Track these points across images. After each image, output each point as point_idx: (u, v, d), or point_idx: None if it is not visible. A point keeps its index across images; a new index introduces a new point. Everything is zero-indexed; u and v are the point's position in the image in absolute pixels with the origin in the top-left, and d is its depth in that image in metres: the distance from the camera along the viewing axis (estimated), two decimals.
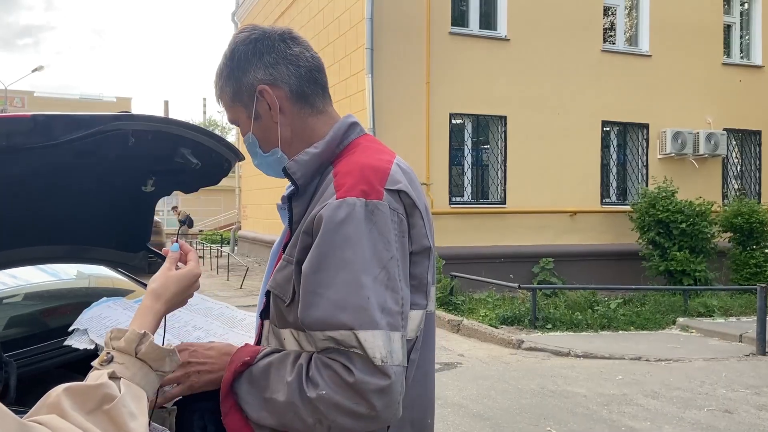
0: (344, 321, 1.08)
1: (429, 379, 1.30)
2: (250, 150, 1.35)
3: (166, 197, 2.56)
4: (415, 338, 1.22)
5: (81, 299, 2.13)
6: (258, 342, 1.33)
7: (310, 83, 1.31)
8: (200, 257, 15.81)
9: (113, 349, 1.06)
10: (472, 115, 11.06)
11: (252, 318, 1.68)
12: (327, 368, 1.10)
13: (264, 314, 1.31)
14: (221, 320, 1.70)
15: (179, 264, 1.29)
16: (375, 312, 1.09)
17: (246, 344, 1.28)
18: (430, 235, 1.25)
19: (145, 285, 2.65)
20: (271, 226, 16.10)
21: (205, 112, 45.04)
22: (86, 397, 0.92)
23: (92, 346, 1.52)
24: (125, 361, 1.04)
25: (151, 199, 2.24)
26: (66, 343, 1.56)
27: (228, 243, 19.60)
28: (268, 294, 1.29)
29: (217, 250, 15.71)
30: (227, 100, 1.32)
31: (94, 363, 1.04)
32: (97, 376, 0.99)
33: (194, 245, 17.96)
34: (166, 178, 2.12)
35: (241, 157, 2.18)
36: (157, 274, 1.25)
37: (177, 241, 1.34)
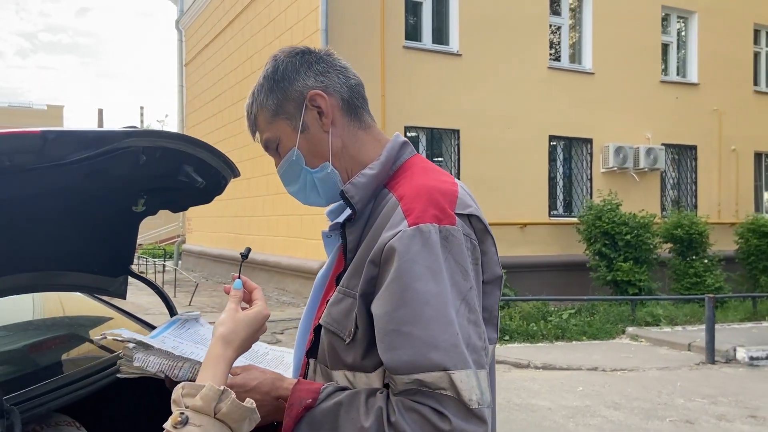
0: (437, 361, 0.97)
1: (493, 419, 1.21)
2: (290, 170, 1.23)
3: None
4: None
5: (66, 330, 1.95)
6: None
7: (359, 97, 1.24)
8: (142, 272, 15.21)
9: (187, 408, 0.92)
10: (426, 128, 11.11)
11: (276, 353, 1.56)
12: (413, 413, 0.97)
13: (310, 353, 1.19)
14: (242, 356, 1.56)
15: (244, 303, 1.17)
16: (464, 349, 0.99)
17: (300, 381, 1.13)
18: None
19: (123, 311, 2.47)
20: (219, 240, 15.70)
21: (142, 121, 43.60)
22: None
23: (132, 344, 1.32)
24: (203, 423, 0.90)
25: (137, 219, 2.08)
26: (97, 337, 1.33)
27: (171, 257, 18.98)
28: (316, 330, 1.17)
29: (162, 265, 15.16)
30: (267, 117, 1.22)
31: (167, 425, 0.90)
32: None
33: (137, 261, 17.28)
34: (156, 197, 1.97)
35: (237, 173, 2.05)
36: (223, 317, 1.11)
37: (239, 277, 1.21)
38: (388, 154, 1.20)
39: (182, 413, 0.91)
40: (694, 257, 11.34)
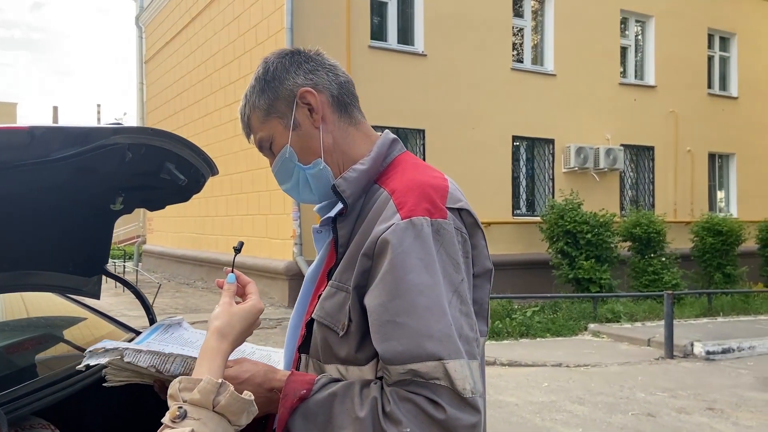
0: (432, 351, 0.99)
1: (485, 413, 1.23)
2: (283, 168, 1.24)
3: None
4: None
5: (42, 331, 1.90)
6: None
7: (348, 94, 1.27)
8: None
9: (185, 402, 0.91)
10: (392, 128, 11.13)
11: (263, 351, 1.55)
12: (408, 402, 0.99)
13: (302, 348, 1.20)
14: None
15: (237, 297, 1.17)
16: (457, 339, 1.01)
17: (293, 372, 1.14)
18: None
19: (94, 310, 2.42)
20: (181, 240, 15.45)
21: (99, 120, 42.51)
22: None
23: (118, 355, 1.29)
24: (202, 417, 0.90)
25: (114, 217, 2.04)
26: (83, 363, 1.32)
27: (131, 258, 18.59)
28: (308, 325, 1.18)
29: (122, 266, 14.84)
30: (260, 117, 1.23)
31: (165, 420, 0.89)
32: None
33: None
34: (134, 195, 1.94)
35: (215, 171, 2.03)
36: (218, 310, 1.11)
37: (233, 271, 1.20)
38: (378, 150, 1.23)
39: (180, 407, 0.90)
40: (652, 255, 11.65)
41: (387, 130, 1.31)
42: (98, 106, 49.13)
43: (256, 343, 1.69)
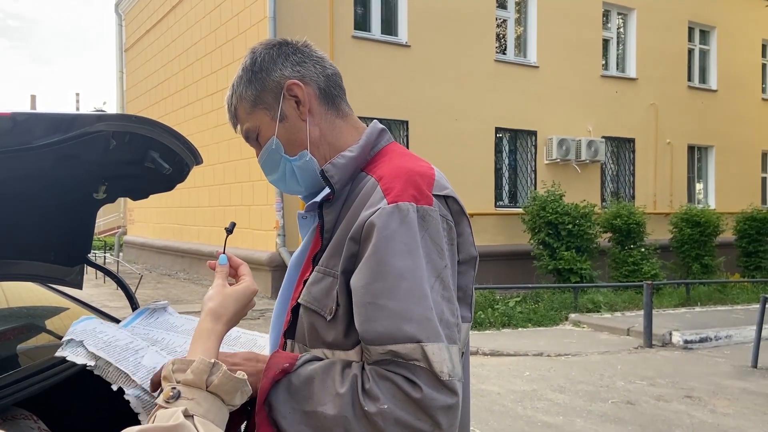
0: (411, 333, 1.01)
1: (468, 398, 1.25)
2: (270, 159, 1.25)
3: None
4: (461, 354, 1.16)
5: (24, 321, 1.88)
6: None
7: (336, 86, 1.27)
8: None
9: (178, 382, 0.91)
10: (375, 119, 11.09)
11: (249, 336, 1.56)
12: (386, 381, 1.01)
13: (288, 333, 1.21)
14: None
15: (230, 279, 1.17)
16: (437, 323, 1.03)
17: (278, 351, 1.15)
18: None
19: (76, 299, 2.40)
20: (163, 231, 15.33)
21: (78, 108, 41.90)
22: None
23: (92, 362, 1.29)
24: (196, 396, 0.90)
25: (96, 206, 2.02)
26: (59, 353, 1.32)
27: (111, 249, 18.41)
28: (294, 311, 1.19)
29: (102, 256, 14.70)
30: (246, 108, 1.24)
31: (159, 401, 0.89)
32: (169, 415, 0.85)
33: None
34: (117, 184, 1.93)
35: (199, 160, 2.02)
36: (211, 292, 1.12)
37: (224, 253, 1.20)
38: (367, 139, 1.23)
39: (174, 388, 0.91)
40: (632, 246, 11.78)
41: (375, 121, 1.32)
42: (77, 95, 48.44)
43: None
